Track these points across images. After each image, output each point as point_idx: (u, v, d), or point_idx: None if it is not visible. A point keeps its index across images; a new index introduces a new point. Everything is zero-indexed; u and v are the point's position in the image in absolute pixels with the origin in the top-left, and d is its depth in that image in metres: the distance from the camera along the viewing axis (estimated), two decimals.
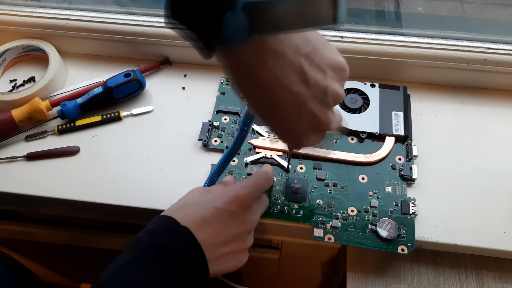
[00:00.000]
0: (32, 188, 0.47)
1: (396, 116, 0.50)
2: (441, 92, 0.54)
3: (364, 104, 0.51)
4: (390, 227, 0.42)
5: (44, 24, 0.55)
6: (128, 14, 0.56)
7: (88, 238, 0.62)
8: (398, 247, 0.41)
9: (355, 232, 0.42)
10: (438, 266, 0.45)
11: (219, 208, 0.37)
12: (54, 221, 0.62)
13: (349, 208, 0.44)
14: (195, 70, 0.57)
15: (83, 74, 0.57)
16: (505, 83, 0.53)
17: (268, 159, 0.47)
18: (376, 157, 0.47)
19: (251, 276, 0.37)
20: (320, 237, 0.42)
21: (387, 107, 0.51)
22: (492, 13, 0.58)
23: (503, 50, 0.50)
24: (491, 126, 0.51)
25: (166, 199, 0.46)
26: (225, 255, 0.36)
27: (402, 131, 0.48)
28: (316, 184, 0.46)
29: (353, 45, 0.52)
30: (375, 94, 0.52)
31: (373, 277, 0.44)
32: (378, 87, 0.52)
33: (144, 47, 0.56)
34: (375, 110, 0.50)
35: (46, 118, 0.52)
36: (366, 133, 0.49)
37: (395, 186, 0.45)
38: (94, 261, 0.80)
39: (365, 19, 0.57)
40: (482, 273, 0.45)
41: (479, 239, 0.42)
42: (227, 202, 0.37)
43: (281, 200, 0.45)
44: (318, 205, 0.44)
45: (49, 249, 0.70)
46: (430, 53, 0.51)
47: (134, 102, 0.54)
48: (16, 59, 0.58)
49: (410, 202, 0.44)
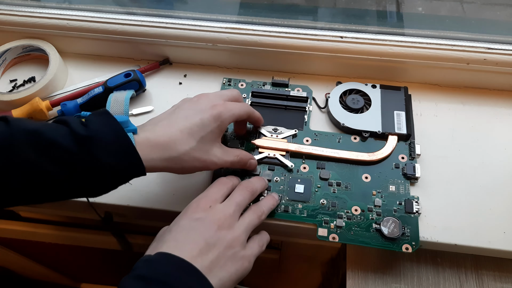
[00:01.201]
0: None
1: (398, 115, 0.50)
2: (441, 92, 0.54)
3: (366, 105, 0.51)
4: (394, 226, 0.42)
5: (44, 24, 0.55)
6: (128, 14, 0.56)
7: (88, 238, 0.62)
8: (403, 246, 0.41)
9: (359, 231, 0.42)
10: (438, 266, 0.45)
11: (182, 222, 0.37)
12: (54, 221, 0.63)
13: (353, 207, 0.44)
14: (195, 70, 0.57)
15: (83, 74, 0.57)
16: (505, 83, 0.53)
17: (271, 159, 0.47)
18: (379, 155, 0.47)
19: (251, 276, 0.37)
20: (325, 236, 0.42)
21: (388, 107, 0.51)
22: (492, 13, 0.58)
23: (503, 50, 0.50)
24: (491, 126, 0.51)
25: (166, 199, 0.46)
26: (216, 260, 0.35)
27: (404, 129, 0.49)
28: (320, 184, 0.46)
29: (353, 45, 0.52)
30: (377, 94, 0.52)
31: (373, 277, 0.44)
32: (379, 88, 0.52)
33: (144, 47, 0.56)
34: (377, 110, 0.50)
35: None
36: (369, 132, 0.49)
37: (398, 185, 0.45)
38: (94, 261, 0.80)
39: (365, 19, 0.57)
40: (482, 273, 0.45)
41: (479, 239, 0.42)
42: (188, 212, 0.37)
43: (285, 200, 0.45)
44: (322, 205, 0.44)
45: (49, 249, 0.70)
46: (430, 53, 0.51)
47: (134, 102, 0.54)
48: (16, 59, 0.58)
49: (413, 201, 0.44)
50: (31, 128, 0.33)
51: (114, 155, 0.34)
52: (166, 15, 0.55)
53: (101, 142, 0.33)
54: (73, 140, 0.33)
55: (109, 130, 0.34)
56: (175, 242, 0.35)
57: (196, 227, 0.36)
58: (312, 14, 0.59)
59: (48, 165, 0.32)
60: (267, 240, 0.41)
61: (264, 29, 0.53)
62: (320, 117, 0.52)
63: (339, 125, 0.50)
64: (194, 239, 0.35)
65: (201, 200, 0.39)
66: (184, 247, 0.34)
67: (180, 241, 0.35)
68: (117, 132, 0.34)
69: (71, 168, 0.33)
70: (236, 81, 0.55)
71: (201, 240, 0.35)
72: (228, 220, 0.37)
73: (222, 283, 0.34)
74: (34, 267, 0.83)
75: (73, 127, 0.33)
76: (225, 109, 0.40)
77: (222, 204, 0.39)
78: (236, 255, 0.36)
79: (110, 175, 0.34)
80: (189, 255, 0.33)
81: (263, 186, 0.44)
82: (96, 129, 0.34)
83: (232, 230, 0.37)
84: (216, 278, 0.34)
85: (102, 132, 0.34)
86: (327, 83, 0.55)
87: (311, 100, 0.53)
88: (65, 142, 0.33)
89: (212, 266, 0.34)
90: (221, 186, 0.41)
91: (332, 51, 0.52)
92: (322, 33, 0.52)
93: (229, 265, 0.35)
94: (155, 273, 0.31)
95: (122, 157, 0.34)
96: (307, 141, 0.49)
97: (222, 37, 0.53)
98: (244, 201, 0.40)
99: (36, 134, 0.32)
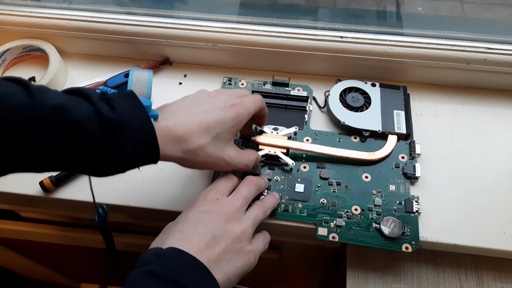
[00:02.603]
0: (32, 188, 0.47)
1: (397, 115, 0.50)
2: (441, 92, 0.54)
3: (365, 103, 0.51)
4: (394, 225, 0.42)
5: (44, 24, 0.55)
6: (128, 14, 0.56)
7: (88, 238, 0.62)
8: (403, 245, 0.41)
9: (359, 231, 0.42)
10: (438, 266, 0.45)
11: (190, 214, 0.37)
12: (54, 221, 0.63)
13: (353, 206, 0.44)
14: (195, 70, 0.57)
15: (83, 74, 0.57)
16: (505, 83, 0.53)
17: (271, 156, 0.47)
18: (380, 154, 0.47)
19: (251, 276, 0.37)
20: (325, 236, 0.42)
21: (388, 106, 0.51)
22: (492, 13, 0.58)
23: (503, 50, 0.50)
24: (491, 126, 0.51)
25: (166, 199, 0.46)
26: (224, 253, 0.34)
27: (404, 129, 0.49)
28: (320, 183, 0.46)
29: (353, 45, 0.52)
30: (376, 93, 0.52)
31: (373, 277, 0.44)
32: (379, 86, 0.52)
33: (144, 47, 0.56)
34: (377, 109, 0.50)
35: None
36: (369, 131, 0.49)
37: (398, 185, 0.45)
38: (94, 261, 0.80)
39: (365, 19, 0.57)
40: (482, 273, 0.45)
41: (479, 239, 0.42)
42: (196, 205, 0.37)
43: (285, 200, 0.45)
44: (322, 204, 0.44)
45: (49, 249, 0.70)
46: (430, 53, 0.51)
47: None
48: (16, 59, 0.58)
49: (413, 200, 0.44)
50: (54, 104, 0.30)
51: (136, 143, 0.32)
52: (166, 15, 0.55)
53: (126, 128, 0.32)
54: (98, 123, 0.31)
55: (136, 117, 0.32)
56: (182, 234, 0.35)
57: (203, 220, 0.36)
58: (312, 14, 0.59)
59: (67, 144, 0.30)
60: (269, 239, 0.41)
61: (264, 29, 0.53)
62: (320, 117, 0.52)
63: (339, 123, 0.50)
64: (201, 231, 0.35)
65: (209, 193, 0.39)
66: (191, 239, 0.34)
67: (187, 233, 0.35)
68: (142, 121, 0.33)
69: (89, 149, 0.31)
70: (237, 80, 0.55)
71: (208, 232, 0.35)
72: (235, 213, 0.37)
73: (227, 277, 0.34)
74: (34, 267, 0.83)
75: (99, 108, 0.31)
76: (243, 108, 0.39)
77: (229, 197, 0.39)
78: (243, 249, 0.36)
79: (126, 162, 0.33)
80: (196, 247, 0.34)
81: (265, 184, 0.44)
82: (123, 114, 0.32)
83: (239, 223, 0.37)
84: (222, 272, 0.34)
85: (128, 118, 0.32)
86: (327, 83, 0.55)
87: (312, 100, 0.53)
88: (90, 124, 0.31)
89: (218, 260, 0.34)
90: (228, 181, 0.41)
91: (332, 51, 0.52)
92: (322, 33, 0.52)
93: (236, 259, 0.35)
94: (169, 271, 0.31)
95: (142, 147, 0.33)
96: (307, 140, 0.49)
97: (222, 37, 0.53)
98: (250, 195, 0.40)
99: (59, 111, 0.30)
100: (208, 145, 0.37)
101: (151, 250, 0.33)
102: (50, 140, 0.30)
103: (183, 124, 0.36)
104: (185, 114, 0.37)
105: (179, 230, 0.35)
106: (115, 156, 0.32)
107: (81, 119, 0.30)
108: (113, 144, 0.31)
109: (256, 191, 0.41)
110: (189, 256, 0.32)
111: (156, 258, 0.32)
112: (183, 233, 0.35)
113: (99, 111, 0.31)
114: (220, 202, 0.38)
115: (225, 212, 0.37)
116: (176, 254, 0.33)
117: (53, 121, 0.30)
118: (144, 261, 0.32)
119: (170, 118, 0.36)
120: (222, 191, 0.39)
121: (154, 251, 0.33)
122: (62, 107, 0.30)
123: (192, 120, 0.36)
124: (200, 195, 0.39)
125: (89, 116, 0.31)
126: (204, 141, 0.36)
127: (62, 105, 0.30)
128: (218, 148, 0.38)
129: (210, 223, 0.36)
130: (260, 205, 0.40)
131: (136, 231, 0.60)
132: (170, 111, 0.37)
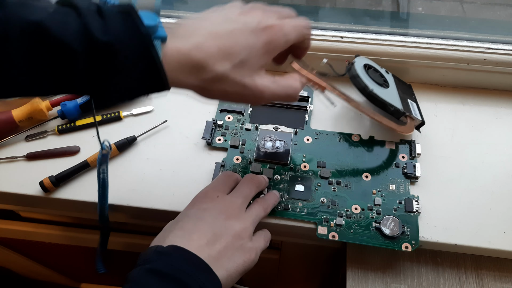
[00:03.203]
0: (32, 188, 0.47)
1: (411, 104, 0.50)
2: (441, 92, 0.54)
3: (384, 83, 0.49)
4: (394, 225, 0.42)
5: None
6: None
7: (88, 238, 0.62)
8: (402, 245, 0.41)
9: (359, 230, 0.42)
10: (438, 266, 0.45)
11: (190, 212, 0.37)
12: (54, 221, 0.63)
13: (353, 206, 0.44)
14: None
15: None
16: (505, 83, 0.53)
17: None
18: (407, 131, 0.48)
19: (251, 276, 0.37)
20: (324, 234, 0.42)
21: (403, 93, 0.50)
22: (492, 13, 0.58)
23: (503, 50, 0.50)
24: (491, 126, 0.51)
25: (166, 199, 0.46)
26: (224, 251, 0.34)
27: (419, 117, 0.48)
28: (320, 182, 0.46)
29: (353, 45, 0.52)
30: (391, 79, 0.51)
31: (373, 276, 0.44)
32: (392, 75, 0.52)
33: None
34: (394, 92, 0.49)
35: (46, 118, 0.52)
36: (394, 107, 0.46)
37: (398, 184, 0.45)
38: (94, 261, 0.80)
39: (365, 19, 0.57)
40: (482, 273, 0.45)
41: (479, 239, 0.42)
42: (196, 202, 0.37)
43: (285, 198, 0.45)
44: (322, 203, 0.44)
45: (49, 249, 0.70)
46: (430, 53, 0.51)
47: (134, 102, 0.54)
48: None
49: (413, 200, 0.44)
50: (32, 20, 0.25)
51: (132, 74, 0.28)
52: (166, 15, 0.55)
53: (120, 55, 0.26)
54: (84, 42, 0.25)
55: (133, 40, 0.27)
56: (182, 231, 0.35)
57: (204, 217, 0.36)
58: (312, 14, 0.59)
59: (43, 68, 0.26)
60: (269, 237, 0.41)
61: None
62: (321, 117, 0.52)
63: (365, 90, 0.45)
64: (202, 228, 0.35)
65: (209, 191, 0.39)
66: (191, 237, 0.34)
67: (187, 231, 0.35)
68: (142, 45, 0.27)
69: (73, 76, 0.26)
70: None
71: (208, 230, 0.35)
72: (236, 211, 0.37)
73: (228, 274, 0.34)
74: (34, 267, 0.83)
75: (88, 23, 0.25)
76: (280, 33, 0.32)
77: (229, 195, 0.39)
78: (244, 246, 0.36)
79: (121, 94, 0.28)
80: (197, 244, 0.33)
81: (265, 183, 0.44)
82: (117, 36, 0.26)
83: (240, 221, 0.37)
84: (223, 269, 0.33)
85: (123, 42, 0.26)
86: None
87: (312, 99, 0.53)
88: (73, 43, 0.25)
89: (219, 257, 0.34)
90: (227, 178, 0.40)
91: (332, 51, 0.52)
92: (322, 33, 0.52)
93: (237, 256, 0.35)
94: (170, 268, 0.31)
95: (142, 77, 0.28)
96: (307, 140, 0.49)
97: None
98: (250, 193, 0.40)
99: (38, 29, 0.25)
100: (228, 73, 0.31)
101: (152, 248, 0.33)
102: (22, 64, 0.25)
103: (200, 47, 0.30)
104: (205, 34, 0.30)
105: (179, 228, 0.35)
106: (107, 88, 0.28)
107: (62, 39, 0.25)
108: (103, 73, 0.27)
109: (256, 189, 0.41)
110: (190, 253, 0.32)
111: (157, 256, 0.32)
112: (184, 231, 0.35)
113: (88, 29, 0.25)
114: (221, 199, 0.38)
115: (226, 209, 0.37)
116: (177, 252, 0.33)
117: (29, 38, 0.25)
118: (145, 260, 0.32)
119: (184, 38, 0.30)
120: (222, 188, 0.39)
121: (155, 249, 0.33)
122: (42, 24, 0.25)
123: (211, 43, 0.30)
124: (200, 192, 0.39)
125: (74, 33, 0.25)
126: (222, 69, 0.30)
127: (42, 21, 0.25)
128: (242, 76, 0.31)
129: (211, 220, 0.36)
130: (261, 203, 0.40)
131: (136, 231, 0.60)
132: (186, 30, 0.31)
